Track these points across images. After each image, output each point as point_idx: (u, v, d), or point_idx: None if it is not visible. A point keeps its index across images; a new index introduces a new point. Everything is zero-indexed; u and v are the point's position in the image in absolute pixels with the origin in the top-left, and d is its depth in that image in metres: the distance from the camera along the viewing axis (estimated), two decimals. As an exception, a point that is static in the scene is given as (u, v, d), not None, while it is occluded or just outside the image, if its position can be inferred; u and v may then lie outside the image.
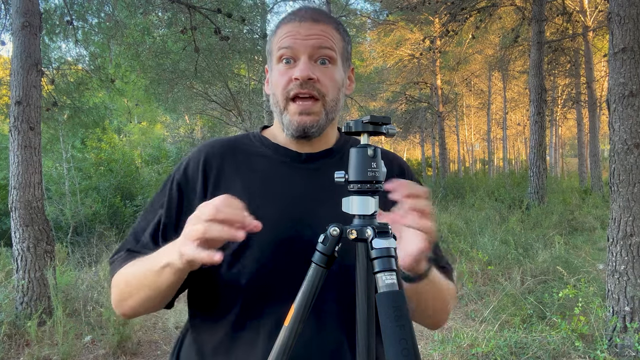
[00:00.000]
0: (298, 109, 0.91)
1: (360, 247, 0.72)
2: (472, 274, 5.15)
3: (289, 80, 0.90)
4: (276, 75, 0.93)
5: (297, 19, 0.92)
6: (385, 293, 0.66)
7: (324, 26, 0.92)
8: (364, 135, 0.74)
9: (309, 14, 0.92)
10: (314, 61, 0.91)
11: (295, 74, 0.89)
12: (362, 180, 0.72)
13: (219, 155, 0.97)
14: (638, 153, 3.22)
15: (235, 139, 1.03)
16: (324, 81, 0.91)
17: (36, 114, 4.40)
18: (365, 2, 22.07)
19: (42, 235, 4.34)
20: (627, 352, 3.16)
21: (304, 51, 0.90)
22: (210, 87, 13.89)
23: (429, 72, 17.06)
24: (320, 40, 0.90)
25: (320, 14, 0.94)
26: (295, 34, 0.90)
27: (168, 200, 0.96)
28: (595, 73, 15.15)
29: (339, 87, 0.95)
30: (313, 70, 0.89)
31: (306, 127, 0.91)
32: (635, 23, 3.23)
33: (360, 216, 0.73)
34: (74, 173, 11.76)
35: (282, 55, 0.91)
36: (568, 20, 11.22)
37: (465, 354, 3.34)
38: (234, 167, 0.96)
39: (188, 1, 6.79)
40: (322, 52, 0.90)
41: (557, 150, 27.52)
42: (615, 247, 3.30)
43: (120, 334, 3.83)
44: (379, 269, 0.68)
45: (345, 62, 0.98)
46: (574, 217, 8.87)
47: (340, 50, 0.94)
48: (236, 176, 0.95)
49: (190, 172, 0.96)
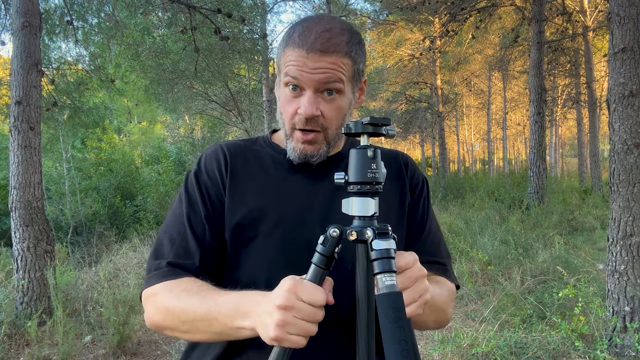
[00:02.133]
0: (301, 138, 0.93)
1: (360, 248, 0.72)
2: (472, 274, 5.15)
3: (294, 112, 0.91)
4: (283, 99, 0.94)
5: (306, 48, 0.87)
6: (385, 294, 0.66)
7: (333, 57, 0.88)
8: (364, 137, 0.74)
9: (319, 43, 0.88)
10: (320, 92, 0.90)
11: (300, 109, 0.90)
12: (362, 181, 0.72)
13: (234, 156, 0.99)
14: (638, 153, 3.22)
15: (245, 143, 1.04)
16: (328, 114, 0.91)
17: (36, 114, 4.40)
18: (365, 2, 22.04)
19: (42, 235, 4.34)
20: (627, 352, 3.16)
21: (309, 85, 0.89)
22: (210, 87, 13.89)
23: (429, 72, 17.06)
24: (327, 75, 0.88)
25: (331, 40, 0.88)
26: (302, 66, 0.88)
27: (201, 197, 0.96)
28: (595, 73, 15.15)
29: (345, 112, 0.95)
30: (318, 105, 0.90)
31: (307, 156, 0.94)
32: (635, 23, 3.23)
33: (360, 217, 0.73)
34: (74, 173, 11.76)
35: (288, 82, 0.91)
36: (568, 20, 11.22)
37: (465, 354, 3.34)
38: (248, 170, 0.98)
39: (188, 1, 6.79)
40: (328, 85, 0.90)
41: (557, 150, 27.52)
42: (615, 247, 3.30)
43: (120, 334, 3.83)
44: (378, 270, 0.68)
45: (356, 82, 0.96)
46: (574, 217, 8.87)
47: (349, 76, 0.92)
48: (249, 180, 0.97)
49: (210, 169, 0.98)
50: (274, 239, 0.91)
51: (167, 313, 0.87)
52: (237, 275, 0.93)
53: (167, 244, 0.94)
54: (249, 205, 0.94)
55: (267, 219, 0.92)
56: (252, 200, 0.94)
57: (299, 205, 0.94)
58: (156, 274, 0.91)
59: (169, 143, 20.66)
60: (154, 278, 0.91)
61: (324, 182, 0.97)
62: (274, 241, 0.91)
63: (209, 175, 0.97)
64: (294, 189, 0.96)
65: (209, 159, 0.99)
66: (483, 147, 36.64)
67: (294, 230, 0.92)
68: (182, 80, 12.27)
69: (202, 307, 0.83)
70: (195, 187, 0.97)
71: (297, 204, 0.94)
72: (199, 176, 0.98)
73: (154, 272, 0.91)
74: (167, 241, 0.94)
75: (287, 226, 0.92)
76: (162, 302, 0.88)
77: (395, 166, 1.05)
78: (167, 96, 13.25)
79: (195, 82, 12.72)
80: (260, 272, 0.91)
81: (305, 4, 14.29)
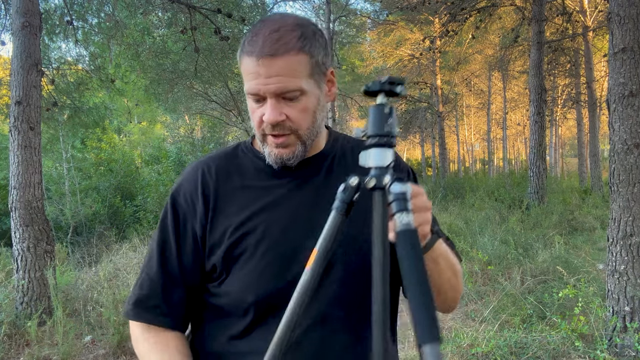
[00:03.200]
0: (274, 142, 0.92)
1: (377, 195, 0.75)
2: (472, 274, 5.15)
3: (260, 120, 0.90)
4: (250, 107, 0.93)
5: (255, 55, 0.85)
6: (403, 231, 0.70)
7: (284, 59, 0.85)
8: (381, 95, 0.78)
9: (268, 47, 0.85)
10: (282, 98, 0.88)
11: (264, 118, 0.89)
12: (380, 134, 0.77)
13: (214, 176, 0.98)
14: (638, 153, 3.22)
15: (226, 153, 1.03)
16: (294, 116, 0.89)
17: (36, 114, 4.40)
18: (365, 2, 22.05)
19: (42, 235, 4.34)
20: (627, 352, 3.16)
21: (269, 94, 0.87)
22: (210, 87, 13.89)
23: (429, 72, 17.07)
24: (282, 85, 0.86)
25: (279, 41, 0.85)
26: (257, 76, 0.86)
27: (174, 229, 0.98)
28: (595, 73, 15.15)
29: (314, 109, 0.93)
30: (281, 110, 0.88)
31: (284, 160, 0.93)
32: (635, 23, 3.23)
33: (377, 168, 0.78)
34: (74, 173, 11.77)
35: (248, 94, 0.90)
36: (568, 20, 11.22)
37: (465, 354, 3.34)
38: (230, 186, 0.97)
39: (188, 1, 6.79)
40: (285, 95, 0.87)
41: (557, 150, 27.52)
42: (615, 247, 3.30)
43: (120, 334, 3.83)
44: (396, 209, 0.72)
45: (319, 76, 0.93)
46: (574, 217, 8.87)
47: (308, 73, 0.89)
48: (232, 196, 0.96)
49: (189, 195, 0.98)
50: (261, 251, 0.91)
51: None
52: (228, 288, 0.93)
53: (142, 280, 1.00)
54: (234, 223, 0.93)
55: (254, 233, 0.92)
56: (237, 218, 0.94)
57: (283, 214, 0.94)
58: (132, 310, 0.99)
59: (169, 143, 20.67)
60: (131, 312, 0.99)
61: (307, 185, 0.97)
62: (262, 253, 0.91)
63: (187, 201, 0.98)
64: (276, 197, 0.96)
65: (188, 177, 1.00)
66: (483, 147, 36.65)
67: (280, 240, 0.92)
68: (182, 80, 12.28)
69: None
70: (170, 217, 0.98)
71: (281, 212, 0.94)
72: (176, 202, 0.99)
73: (131, 304, 0.99)
74: (144, 275, 1.00)
75: (274, 237, 0.91)
76: (138, 348, 0.98)
77: (404, 170, 1.07)
78: (167, 96, 13.25)
79: (195, 82, 12.72)
80: (251, 285, 0.91)
81: (305, 4, 14.31)
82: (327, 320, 0.91)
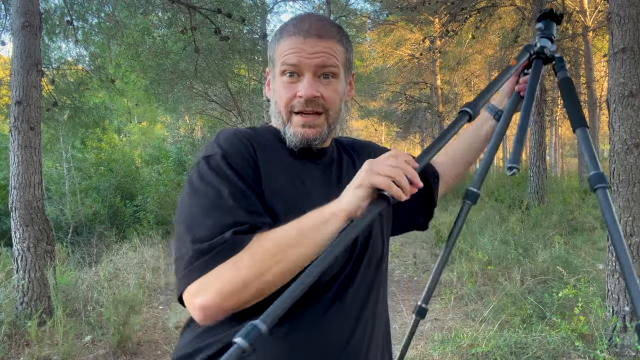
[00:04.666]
0: (301, 121, 0.93)
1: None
2: (472, 274, 5.15)
3: (292, 96, 0.92)
4: (280, 86, 0.94)
5: (302, 35, 0.91)
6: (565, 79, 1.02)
7: (328, 42, 0.92)
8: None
9: (314, 30, 0.91)
10: (318, 77, 0.92)
11: (300, 92, 0.91)
12: None
13: (253, 139, 0.93)
14: (638, 153, 3.22)
15: (255, 130, 0.98)
16: (328, 96, 0.93)
17: (36, 114, 4.40)
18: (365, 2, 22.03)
19: (42, 235, 4.34)
20: (627, 352, 3.16)
21: (308, 69, 0.91)
22: (210, 87, 13.90)
23: (429, 72, 17.07)
24: (325, 58, 0.91)
25: (324, 28, 0.93)
26: (300, 51, 0.90)
27: (239, 177, 0.84)
28: (595, 73, 15.15)
29: (341, 98, 0.97)
30: (317, 88, 0.91)
31: (309, 140, 0.93)
32: (635, 23, 3.23)
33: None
34: (74, 173, 11.76)
35: (285, 70, 0.92)
36: (568, 20, 11.22)
37: (465, 354, 3.34)
38: (268, 153, 0.93)
39: (188, 1, 6.79)
40: (326, 69, 0.92)
41: (557, 150, 27.51)
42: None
43: (120, 334, 3.83)
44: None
45: (347, 71, 0.99)
46: (574, 217, 8.87)
47: (342, 62, 0.96)
48: (274, 160, 0.93)
49: (238, 150, 0.88)
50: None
51: (249, 263, 0.76)
52: None
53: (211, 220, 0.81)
54: (275, 187, 0.88)
55: (286, 203, 0.88)
56: (287, 183, 0.91)
57: (312, 192, 0.93)
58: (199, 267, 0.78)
59: (169, 143, 20.66)
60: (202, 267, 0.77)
61: (327, 170, 0.99)
62: None
63: (240, 156, 0.87)
64: (307, 176, 0.95)
65: (231, 140, 0.89)
66: (483, 147, 36.54)
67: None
68: (182, 80, 12.28)
69: (288, 229, 0.79)
70: (232, 172, 0.84)
71: (310, 189, 0.93)
72: (232, 160, 0.86)
73: (194, 268, 0.78)
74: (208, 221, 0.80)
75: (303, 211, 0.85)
76: (240, 257, 0.77)
77: (362, 150, 1.10)
78: (167, 96, 13.25)
79: (195, 82, 12.72)
80: None
81: (305, 4, 14.30)
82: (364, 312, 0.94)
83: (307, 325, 0.86)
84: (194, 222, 0.80)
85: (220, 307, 0.76)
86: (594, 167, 0.83)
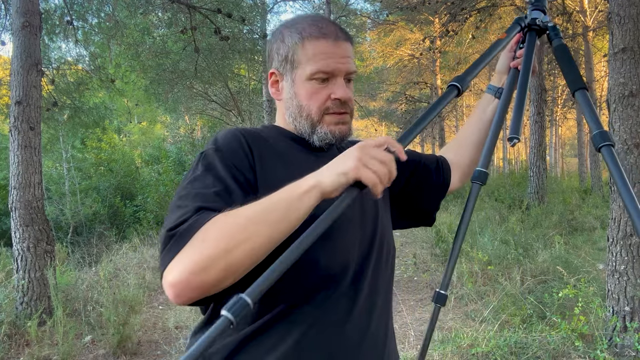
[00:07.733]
0: (335, 119, 0.97)
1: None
2: (472, 274, 5.14)
3: (326, 98, 0.95)
4: (309, 90, 0.95)
5: (332, 38, 0.94)
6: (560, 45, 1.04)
7: (349, 46, 0.97)
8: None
9: (338, 32, 0.96)
10: (344, 79, 0.97)
11: (337, 95, 0.95)
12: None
13: (253, 137, 0.94)
14: (638, 153, 3.22)
15: (258, 129, 1.01)
16: (351, 97, 0.99)
17: (36, 114, 4.40)
18: (365, 2, 22.04)
19: (42, 235, 4.34)
20: (627, 352, 3.16)
21: (340, 73, 0.95)
22: (210, 87, 13.90)
23: (429, 72, 17.07)
24: (351, 64, 0.96)
25: (343, 31, 0.97)
26: (333, 55, 0.94)
27: (230, 175, 0.85)
28: (595, 73, 15.15)
29: None
30: (347, 91, 0.97)
31: (345, 135, 0.99)
32: (635, 23, 3.23)
33: None
34: (74, 173, 11.76)
35: (318, 76, 0.94)
36: (568, 20, 11.22)
37: (465, 354, 3.34)
38: (270, 150, 0.94)
39: (188, 1, 6.79)
40: (350, 75, 0.98)
41: (557, 150, 27.52)
42: (615, 247, 3.30)
43: (120, 334, 3.83)
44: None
45: None
46: (574, 217, 8.87)
47: None
48: (276, 155, 0.94)
49: (233, 148, 0.90)
50: None
51: (217, 236, 0.75)
52: None
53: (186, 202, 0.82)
54: (283, 177, 0.87)
55: None
56: (285, 178, 0.90)
57: None
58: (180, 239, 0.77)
59: (169, 143, 20.66)
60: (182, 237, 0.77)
61: None
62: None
63: (234, 154, 0.89)
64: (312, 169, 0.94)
65: (228, 139, 0.91)
66: (483, 147, 36.52)
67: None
68: (182, 80, 12.29)
69: (259, 203, 0.77)
70: (221, 165, 0.86)
71: None
72: (223, 154, 0.88)
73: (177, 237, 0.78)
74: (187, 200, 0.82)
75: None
76: (207, 232, 0.76)
77: None
78: (167, 96, 13.26)
79: (195, 82, 12.73)
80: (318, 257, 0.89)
81: (305, 4, 14.28)
82: (374, 307, 0.96)
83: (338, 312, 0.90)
84: (172, 212, 0.83)
85: (189, 284, 0.75)
86: (596, 127, 0.85)
